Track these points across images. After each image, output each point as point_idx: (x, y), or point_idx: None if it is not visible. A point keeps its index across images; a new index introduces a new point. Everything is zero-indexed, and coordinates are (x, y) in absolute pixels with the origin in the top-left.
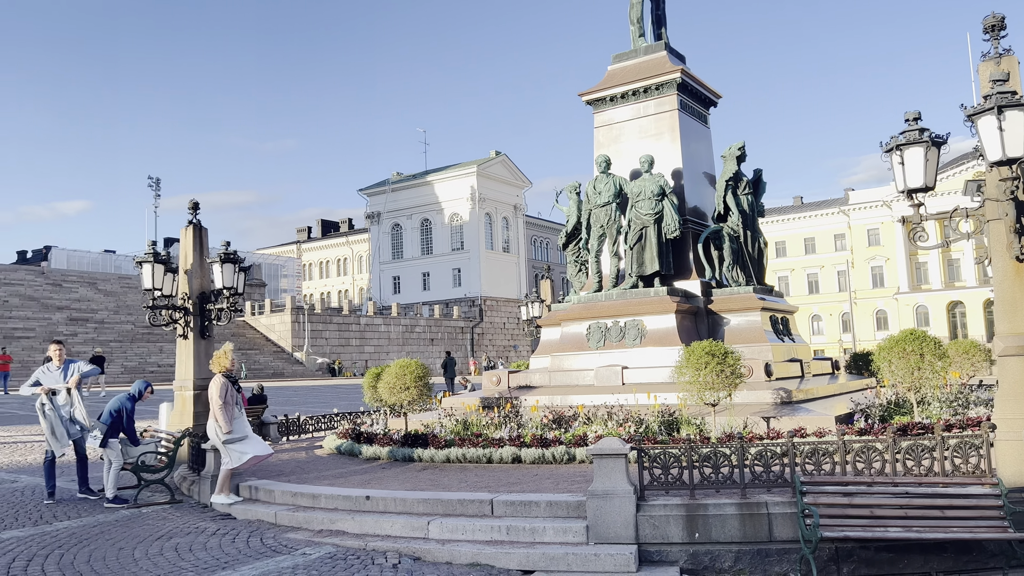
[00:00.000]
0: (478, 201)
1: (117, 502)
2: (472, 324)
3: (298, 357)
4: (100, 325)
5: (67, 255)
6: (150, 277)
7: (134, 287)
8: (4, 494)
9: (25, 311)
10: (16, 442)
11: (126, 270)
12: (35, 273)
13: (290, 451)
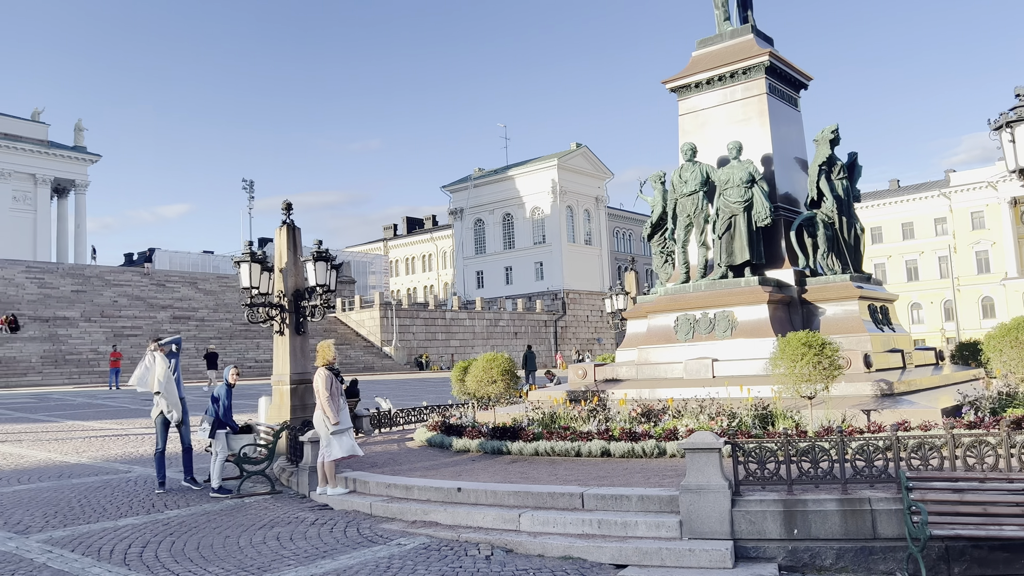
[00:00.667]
0: (559, 194)
1: (221, 492)
2: (555, 317)
3: (387, 351)
4: (201, 323)
5: (169, 256)
6: (248, 276)
7: (231, 286)
8: (119, 484)
9: (132, 310)
10: (128, 435)
11: (224, 270)
12: (140, 274)
13: (382, 443)
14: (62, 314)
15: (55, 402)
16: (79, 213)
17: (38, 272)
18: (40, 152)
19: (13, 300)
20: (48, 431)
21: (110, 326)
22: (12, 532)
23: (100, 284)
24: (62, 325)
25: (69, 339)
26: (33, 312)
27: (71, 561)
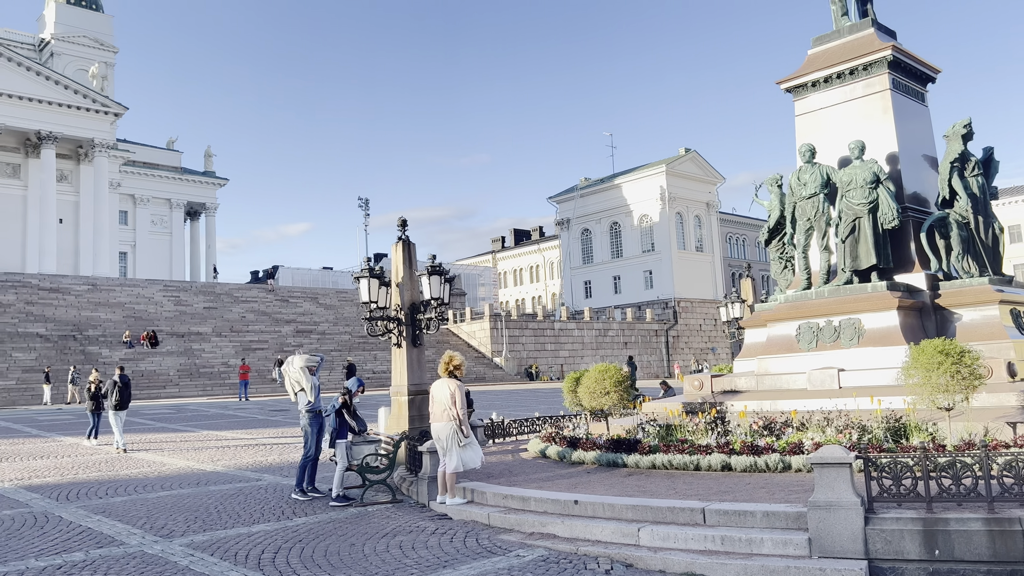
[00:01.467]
0: (668, 201)
1: (341, 501)
2: (666, 327)
3: (497, 362)
4: (322, 336)
5: (292, 273)
6: (367, 291)
7: (350, 300)
8: (251, 491)
9: (259, 325)
10: (259, 444)
11: (342, 285)
12: (266, 291)
13: (497, 453)
14: (196, 329)
15: (191, 413)
16: (209, 234)
17: (174, 290)
18: (174, 178)
19: (153, 317)
20: (186, 440)
21: (239, 340)
22: (158, 536)
23: (229, 301)
24: (196, 340)
25: (202, 353)
26: (170, 328)
27: (211, 565)
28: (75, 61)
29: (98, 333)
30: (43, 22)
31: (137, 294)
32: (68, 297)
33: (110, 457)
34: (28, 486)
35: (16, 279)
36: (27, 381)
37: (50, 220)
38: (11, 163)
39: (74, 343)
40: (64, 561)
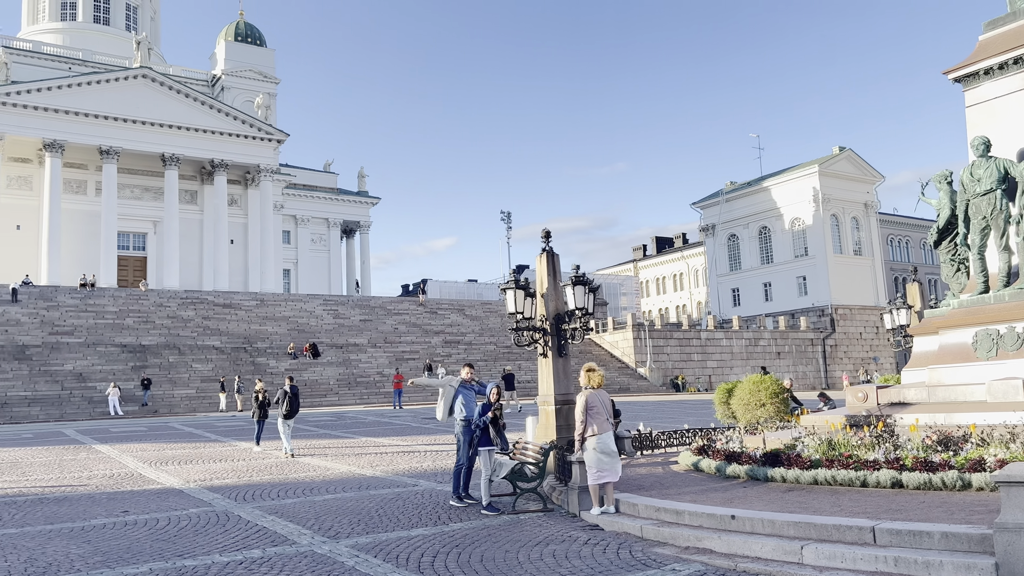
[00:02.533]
0: (821, 202)
1: (489, 509)
2: (823, 335)
3: (641, 372)
4: (469, 346)
5: (439, 286)
6: (512, 302)
7: (494, 311)
8: (409, 496)
9: (410, 336)
10: (413, 451)
11: (487, 296)
12: (416, 303)
13: (646, 465)
14: (352, 341)
15: (350, 420)
16: (363, 250)
17: (333, 304)
18: (331, 199)
19: (314, 329)
20: (347, 446)
21: (392, 351)
22: (326, 537)
23: (383, 313)
24: (353, 351)
25: (359, 363)
26: (330, 340)
27: (375, 566)
28: (242, 93)
29: (266, 345)
30: (214, 59)
31: (300, 308)
32: (239, 312)
33: (280, 461)
34: (210, 487)
35: (195, 296)
36: (205, 390)
37: (223, 241)
38: (189, 190)
39: (245, 354)
40: (244, 557)
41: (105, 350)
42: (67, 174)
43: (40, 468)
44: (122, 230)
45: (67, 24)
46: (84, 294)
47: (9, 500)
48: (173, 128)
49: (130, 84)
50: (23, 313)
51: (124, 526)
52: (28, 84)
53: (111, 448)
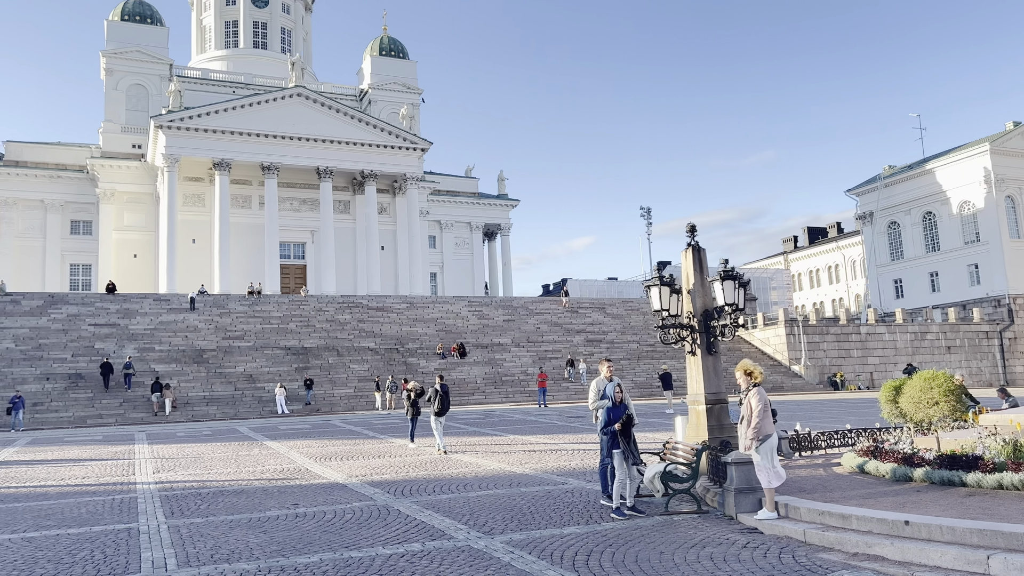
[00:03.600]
0: (994, 183)
1: (618, 514)
2: (999, 327)
3: (796, 370)
4: (611, 345)
5: (579, 285)
6: (658, 299)
7: (635, 310)
8: (559, 495)
9: (552, 335)
10: (561, 449)
11: (627, 294)
12: (557, 303)
13: (806, 467)
14: (497, 341)
15: (497, 418)
16: (504, 252)
17: (477, 305)
18: (472, 203)
19: (460, 330)
20: (495, 444)
21: (535, 350)
22: (481, 532)
23: (525, 313)
24: (497, 350)
25: (504, 362)
26: (475, 340)
27: (530, 562)
28: (389, 106)
29: (416, 346)
30: (361, 75)
31: (446, 310)
32: (391, 315)
33: (433, 458)
34: (370, 481)
35: (350, 300)
36: (362, 389)
37: (374, 248)
38: (342, 200)
39: (397, 355)
40: (405, 550)
41: (271, 353)
42: (234, 190)
43: (219, 463)
44: (283, 240)
45: (230, 51)
46: (252, 301)
47: (194, 492)
48: (326, 142)
49: (286, 103)
50: (200, 320)
51: (295, 518)
52: (199, 109)
53: (280, 444)
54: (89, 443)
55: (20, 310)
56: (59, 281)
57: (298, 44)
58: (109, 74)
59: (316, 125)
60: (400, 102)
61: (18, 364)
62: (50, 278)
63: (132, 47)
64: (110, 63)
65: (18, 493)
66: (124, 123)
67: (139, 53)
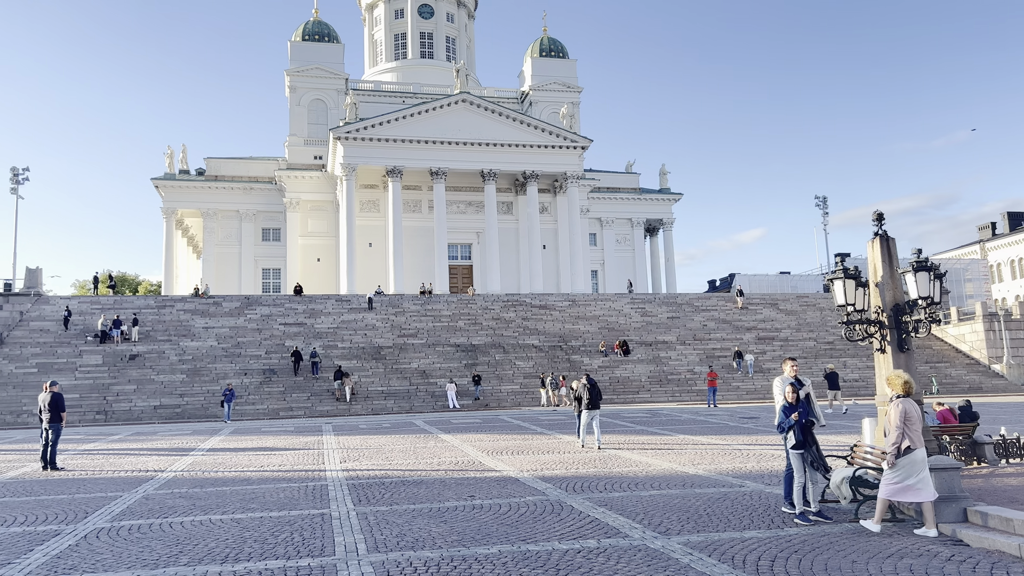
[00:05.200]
0: None
1: (802, 519)
2: None
3: (996, 369)
4: (785, 343)
5: (748, 280)
6: (842, 293)
7: (811, 305)
8: (736, 497)
9: (720, 333)
10: (735, 450)
11: (801, 289)
12: (725, 299)
13: (1015, 476)
14: (661, 338)
15: (664, 417)
16: (667, 247)
17: (640, 303)
18: (633, 199)
19: (623, 327)
20: (664, 443)
21: (702, 348)
22: (656, 532)
23: (690, 310)
24: (662, 348)
25: (669, 360)
26: (638, 337)
27: (710, 565)
28: (549, 106)
29: (579, 343)
30: (523, 77)
31: (608, 307)
32: (553, 312)
33: (604, 455)
34: (542, 476)
35: (515, 299)
36: (527, 385)
37: (536, 247)
38: (505, 201)
39: (560, 352)
40: (581, 547)
41: (442, 350)
42: (404, 195)
43: (399, 454)
44: (451, 242)
45: (400, 63)
46: (423, 300)
47: (377, 481)
48: (489, 145)
49: (452, 109)
50: (377, 319)
51: (472, 509)
52: (372, 119)
53: (453, 438)
54: (283, 433)
55: (221, 311)
56: (253, 284)
57: (462, 51)
58: (292, 91)
59: (480, 129)
60: (560, 101)
61: (220, 360)
62: (245, 282)
63: (312, 64)
64: (293, 81)
65: (226, 478)
66: (306, 136)
67: (318, 70)
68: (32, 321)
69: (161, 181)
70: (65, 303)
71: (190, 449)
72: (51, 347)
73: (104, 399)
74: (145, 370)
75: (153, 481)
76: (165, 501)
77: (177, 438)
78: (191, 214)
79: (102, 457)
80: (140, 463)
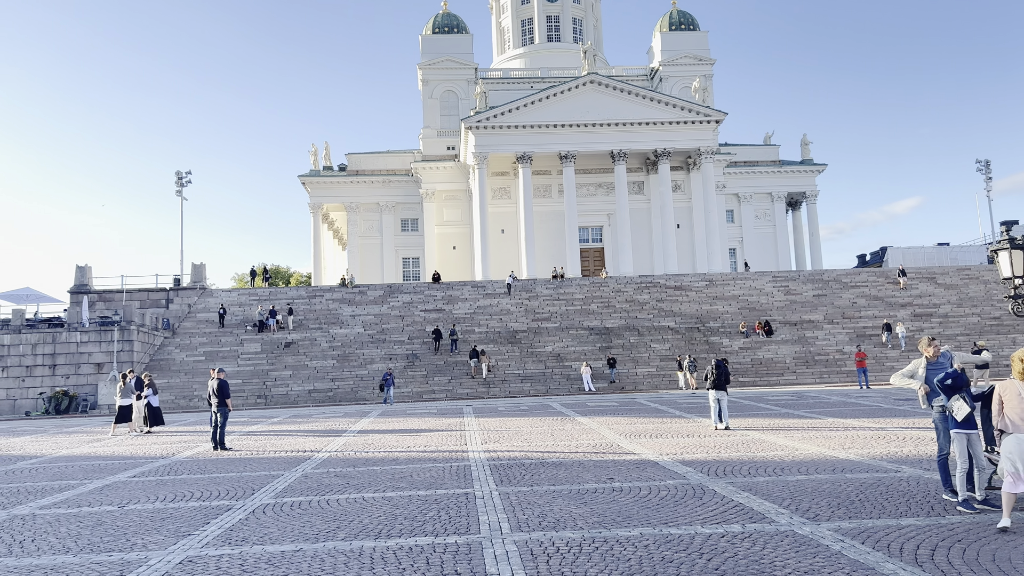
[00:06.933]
0: None
1: (965, 506)
2: None
3: None
4: (944, 319)
5: (902, 253)
6: (1008, 264)
7: (974, 278)
8: (891, 483)
9: (872, 310)
10: (889, 434)
11: (962, 261)
12: (876, 274)
13: None
14: (806, 318)
15: (812, 400)
16: (811, 221)
17: (782, 281)
18: (773, 172)
19: (764, 307)
20: (811, 427)
21: (851, 326)
22: (805, 518)
23: (838, 287)
24: (807, 328)
25: (816, 340)
26: (782, 317)
27: (863, 553)
28: (680, 81)
29: (717, 324)
30: (651, 53)
31: (748, 286)
32: (689, 293)
33: (746, 439)
34: (682, 460)
35: (648, 280)
36: (664, 368)
37: (669, 227)
38: (636, 181)
39: (698, 334)
40: (725, 531)
41: (576, 333)
42: (535, 181)
43: (538, 436)
44: (582, 225)
45: (527, 48)
46: (556, 284)
47: (518, 462)
48: (618, 125)
49: (580, 91)
50: (512, 304)
51: (612, 492)
52: (501, 107)
53: (590, 420)
54: (427, 415)
55: (366, 299)
56: (394, 273)
57: (589, 32)
58: (425, 84)
59: (608, 109)
60: (692, 75)
61: (367, 346)
62: (387, 270)
63: (443, 56)
64: (425, 74)
65: (376, 458)
66: (439, 127)
67: (449, 61)
68: (199, 313)
69: (307, 178)
70: (220, 301)
71: (342, 431)
72: (216, 336)
73: (263, 384)
74: (299, 356)
75: (311, 461)
76: (322, 480)
77: (330, 420)
78: (335, 208)
79: (264, 438)
80: (298, 444)
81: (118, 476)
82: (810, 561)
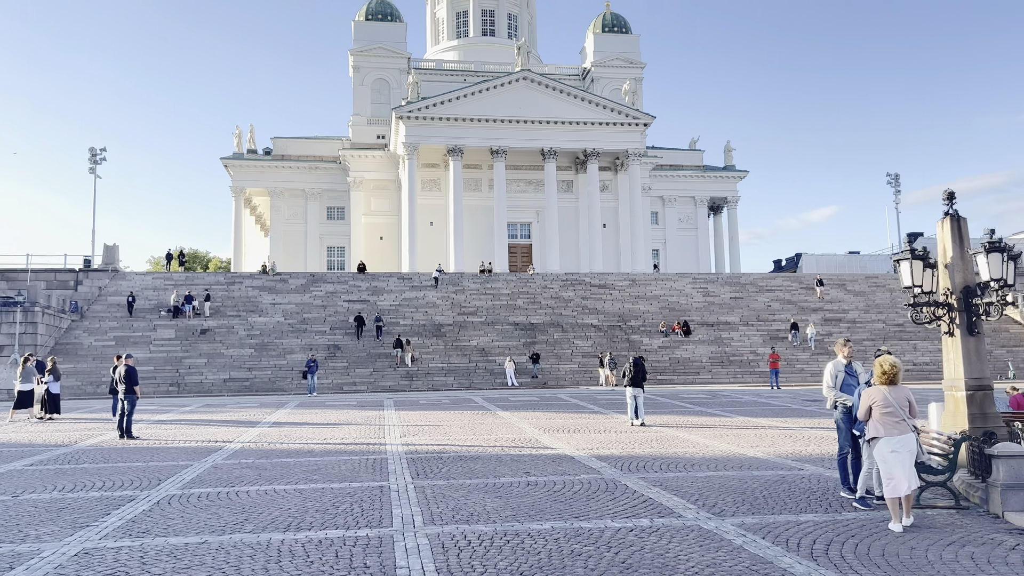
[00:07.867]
0: None
1: (862, 504)
2: None
3: None
4: (852, 324)
5: (816, 259)
6: (909, 274)
7: (881, 286)
8: (794, 480)
9: (785, 314)
10: (796, 433)
11: (871, 269)
12: (791, 279)
13: None
14: (723, 319)
15: (725, 399)
16: (732, 226)
17: (702, 282)
18: (697, 176)
19: (684, 307)
20: (723, 425)
21: (766, 329)
22: (711, 513)
23: (754, 291)
24: (724, 329)
25: (731, 341)
26: (700, 318)
27: (763, 547)
28: (611, 82)
29: (639, 323)
30: (584, 53)
31: (669, 287)
32: (613, 292)
33: (660, 436)
34: (597, 455)
35: (574, 278)
36: (586, 364)
37: (596, 226)
38: (565, 180)
39: (620, 332)
40: (634, 525)
41: (501, 328)
42: (465, 174)
43: (457, 430)
44: (511, 221)
45: (461, 41)
46: (483, 279)
47: (436, 456)
48: (550, 123)
49: (513, 87)
50: (438, 297)
51: (527, 486)
52: (433, 99)
53: (511, 415)
54: (346, 408)
55: (288, 288)
56: (318, 262)
57: (523, 28)
58: (356, 71)
59: (540, 107)
60: (623, 77)
61: (287, 336)
62: (311, 259)
63: (375, 44)
64: (357, 61)
65: (290, 449)
66: (369, 116)
67: (381, 49)
68: (110, 296)
69: (230, 160)
70: (133, 285)
71: (257, 421)
72: (127, 321)
73: (177, 372)
74: (215, 344)
75: (222, 451)
76: (232, 471)
77: (245, 410)
78: (259, 193)
79: (174, 427)
80: (210, 434)
81: (13, 464)
82: (712, 555)
